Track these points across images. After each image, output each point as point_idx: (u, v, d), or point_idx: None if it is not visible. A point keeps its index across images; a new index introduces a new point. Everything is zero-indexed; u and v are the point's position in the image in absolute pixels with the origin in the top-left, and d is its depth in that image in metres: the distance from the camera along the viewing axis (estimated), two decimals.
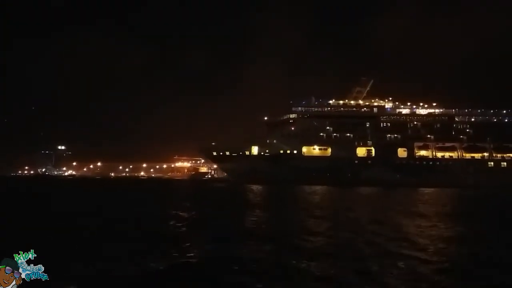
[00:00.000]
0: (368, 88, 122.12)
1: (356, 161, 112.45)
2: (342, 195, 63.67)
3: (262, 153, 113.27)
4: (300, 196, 55.43)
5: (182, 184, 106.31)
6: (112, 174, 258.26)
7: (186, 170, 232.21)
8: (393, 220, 28.78)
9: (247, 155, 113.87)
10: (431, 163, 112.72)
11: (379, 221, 27.69)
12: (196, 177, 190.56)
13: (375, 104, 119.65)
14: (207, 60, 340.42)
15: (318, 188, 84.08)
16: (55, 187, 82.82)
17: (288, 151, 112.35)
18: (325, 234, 22.15)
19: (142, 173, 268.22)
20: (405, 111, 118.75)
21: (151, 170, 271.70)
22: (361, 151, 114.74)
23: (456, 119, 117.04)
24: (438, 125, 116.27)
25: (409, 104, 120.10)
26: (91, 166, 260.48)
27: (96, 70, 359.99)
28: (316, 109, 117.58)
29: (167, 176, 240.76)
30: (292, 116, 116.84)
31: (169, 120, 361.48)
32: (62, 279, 10.79)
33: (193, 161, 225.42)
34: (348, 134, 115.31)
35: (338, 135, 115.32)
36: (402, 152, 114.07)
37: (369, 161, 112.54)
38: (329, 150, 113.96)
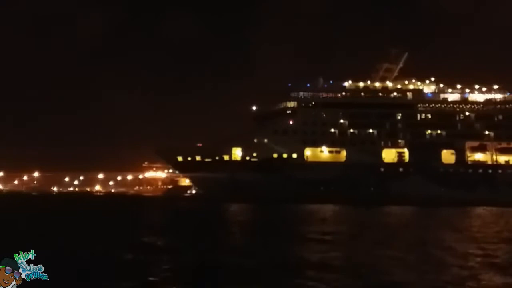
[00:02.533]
0: (400, 65, 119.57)
1: (382, 169, 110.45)
2: (363, 219, 61.73)
3: (247, 158, 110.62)
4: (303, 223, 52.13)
5: (150, 204, 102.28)
6: (55, 189, 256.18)
7: (160, 183, 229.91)
8: None
9: (227, 161, 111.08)
10: (490, 171, 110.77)
11: None
12: (173, 192, 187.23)
13: (410, 87, 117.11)
14: (192, 28, 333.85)
15: (327, 208, 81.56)
16: None
17: (285, 155, 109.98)
18: None
19: (97, 187, 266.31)
20: (453, 97, 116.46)
21: (111, 183, 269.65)
22: (389, 155, 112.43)
23: None
24: (501, 117, 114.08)
25: (459, 87, 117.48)
26: (25, 178, 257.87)
27: (34, 43, 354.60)
28: (325, 95, 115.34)
29: (133, 192, 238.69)
30: (290, 104, 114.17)
31: (136, 113, 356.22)
32: None
33: (171, 171, 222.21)
34: (370, 131, 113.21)
35: (356, 131, 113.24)
36: (448, 156, 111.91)
37: (401, 169, 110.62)
38: (344, 153, 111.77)
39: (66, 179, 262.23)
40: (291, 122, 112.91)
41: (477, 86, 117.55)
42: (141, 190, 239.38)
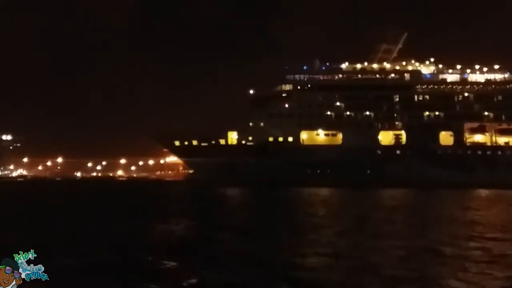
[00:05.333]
0: (400, 46, 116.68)
1: (379, 151, 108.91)
2: (360, 203, 60.17)
3: (243, 142, 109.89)
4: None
5: (170, 189, 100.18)
6: (78, 174, 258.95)
7: (181, 168, 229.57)
8: None
9: (223, 145, 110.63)
10: (489, 153, 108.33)
11: None
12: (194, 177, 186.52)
13: (409, 68, 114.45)
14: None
15: (323, 192, 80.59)
16: None
17: (281, 139, 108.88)
18: None
19: (119, 173, 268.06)
20: (452, 77, 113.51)
21: (133, 168, 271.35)
22: (386, 137, 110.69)
23: None
24: (500, 98, 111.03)
25: (458, 67, 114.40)
26: (49, 164, 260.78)
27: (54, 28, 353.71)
28: (321, 77, 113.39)
29: (154, 177, 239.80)
30: (286, 87, 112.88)
31: (158, 99, 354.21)
32: None
33: None
34: (367, 113, 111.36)
35: (352, 114, 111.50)
36: (446, 138, 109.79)
37: (398, 151, 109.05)
38: (340, 136, 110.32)
39: (89, 164, 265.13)
40: (286, 106, 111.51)
41: (477, 67, 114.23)
42: (163, 175, 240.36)
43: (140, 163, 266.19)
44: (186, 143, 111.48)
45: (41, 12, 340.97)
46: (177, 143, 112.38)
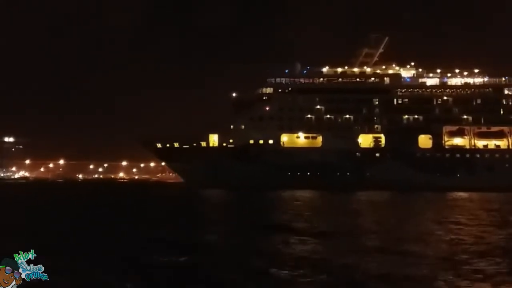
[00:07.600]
0: (381, 50, 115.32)
1: (358, 154, 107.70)
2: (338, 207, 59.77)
3: (224, 144, 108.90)
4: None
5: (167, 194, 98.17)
6: (80, 176, 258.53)
7: None
8: None
9: (204, 147, 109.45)
10: (468, 156, 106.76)
11: None
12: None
13: (389, 72, 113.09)
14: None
15: (303, 194, 79.98)
16: None
17: (261, 141, 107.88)
18: None
19: (121, 175, 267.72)
20: (432, 81, 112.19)
21: (134, 170, 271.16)
22: (365, 140, 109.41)
23: (507, 91, 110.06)
24: (479, 101, 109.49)
25: (438, 71, 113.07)
26: (51, 166, 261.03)
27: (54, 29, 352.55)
28: (302, 81, 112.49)
29: (155, 179, 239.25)
30: (266, 90, 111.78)
31: (162, 102, 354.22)
32: None
33: None
34: (347, 116, 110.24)
35: (332, 117, 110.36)
36: (425, 141, 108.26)
37: (377, 154, 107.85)
38: (320, 139, 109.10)
39: (91, 166, 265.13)
40: (267, 108, 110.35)
41: (457, 71, 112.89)
42: (164, 177, 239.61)
43: (142, 165, 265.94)
44: (167, 145, 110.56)
45: (41, 13, 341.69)
46: (159, 145, 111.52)
